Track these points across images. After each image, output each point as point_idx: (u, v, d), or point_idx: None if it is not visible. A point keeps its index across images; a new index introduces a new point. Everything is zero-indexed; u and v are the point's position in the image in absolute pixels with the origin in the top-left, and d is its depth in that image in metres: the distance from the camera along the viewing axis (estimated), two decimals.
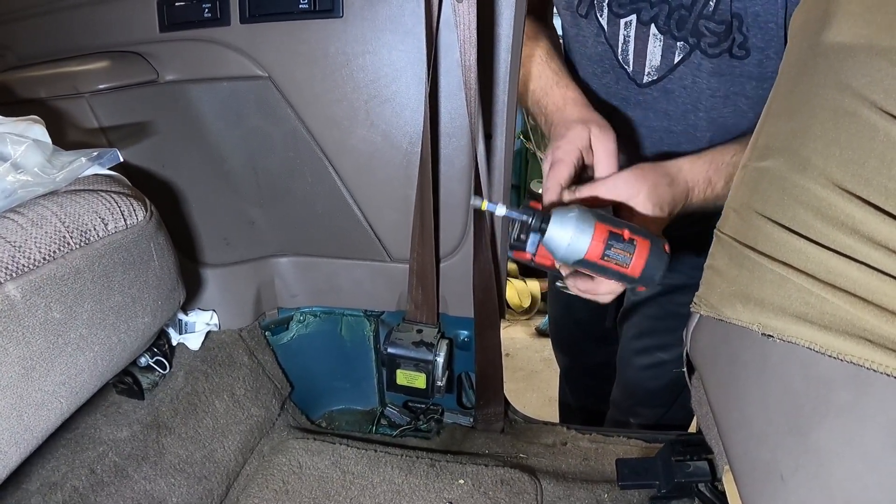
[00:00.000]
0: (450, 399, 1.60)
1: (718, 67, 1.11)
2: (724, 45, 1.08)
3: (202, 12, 1.21)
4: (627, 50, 1.21)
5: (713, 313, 0.83)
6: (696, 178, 1.07)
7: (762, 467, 0.72)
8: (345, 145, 1.29)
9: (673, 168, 1.07)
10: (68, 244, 0.87)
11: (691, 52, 1.13)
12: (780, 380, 0.70)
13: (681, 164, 1.07)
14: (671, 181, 1.05)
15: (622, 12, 1.17)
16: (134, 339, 1.04)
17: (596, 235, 0.90)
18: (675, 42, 1.14)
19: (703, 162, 1.08)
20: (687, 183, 1.07)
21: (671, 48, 1.15)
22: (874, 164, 0.58)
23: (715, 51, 1.09)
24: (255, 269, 1.53)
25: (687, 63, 1.15)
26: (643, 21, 1.15)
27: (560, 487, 1.28)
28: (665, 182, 1.04)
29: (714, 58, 1.10)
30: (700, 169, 1.08)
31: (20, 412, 0.81)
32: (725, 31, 1.06)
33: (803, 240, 0.66)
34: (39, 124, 0.96)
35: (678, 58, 1.15)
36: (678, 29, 1.12)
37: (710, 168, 1.08)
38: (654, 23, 1.14)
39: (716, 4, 1.05)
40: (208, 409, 1.38)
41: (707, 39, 1.09)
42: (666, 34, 1.14)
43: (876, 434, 0.57)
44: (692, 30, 1.10)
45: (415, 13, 1.13)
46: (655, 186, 1.02)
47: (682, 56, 1.15)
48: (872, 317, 0.57)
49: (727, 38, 1.07)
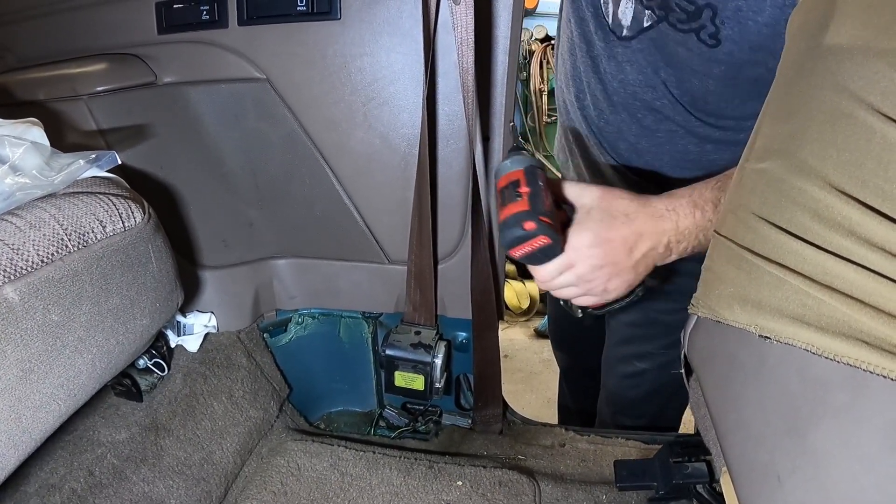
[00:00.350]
0: (448, 401, 1.60)
1: (686, 42, 1.09)
2: (693, 24, 1.06)
3: (200, 14, 1.22)
4: (607, 7, 1.20)
5: (711, 315, 0.83)
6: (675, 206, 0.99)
7: (760, 468, 0.72)
8: (343, 147, 1.29)
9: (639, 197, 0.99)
10: (66, 246, 0.88)
11: (659, 22, 1.12)
12: (777, 381, 0.70)
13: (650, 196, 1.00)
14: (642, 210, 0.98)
15: None
16: (132, 342, 1.04)
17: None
18: (643, 9, 1.13)
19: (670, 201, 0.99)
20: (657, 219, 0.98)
21: (640, 13, 1.14)
22: (871, 166, 0.59)
23: (683, 27, 1.07)
24: (254, 271, 1.53)
25: (656, 30, 1.14)
26: None
27: (558, 489, 1.28)
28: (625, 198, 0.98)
29: (681, 33, 1.08)
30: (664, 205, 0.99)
31: (18, 414, 0.81)
32: (695, 12, 1.04)
33: (800, 242, 0.66)
34: (38, 126, 0.96)
35: (647, 24, 1.14)
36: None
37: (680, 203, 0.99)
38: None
39: None
40: (206, 411, 1.38)
41: (675, 15, 1.07)
42: (636, 0, 1.13)
43: (872, 435, 0.57)
44: (660, 2, 1.08)
45: (412, 15, 1.13)
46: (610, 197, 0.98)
47: (651, 23, 1.14)
48: (869, 318, 0.57)
49: (695, 20, 1.05)
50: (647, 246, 0.97)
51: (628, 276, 0.99)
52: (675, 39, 1.11)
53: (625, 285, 1.01)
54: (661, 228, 0.96)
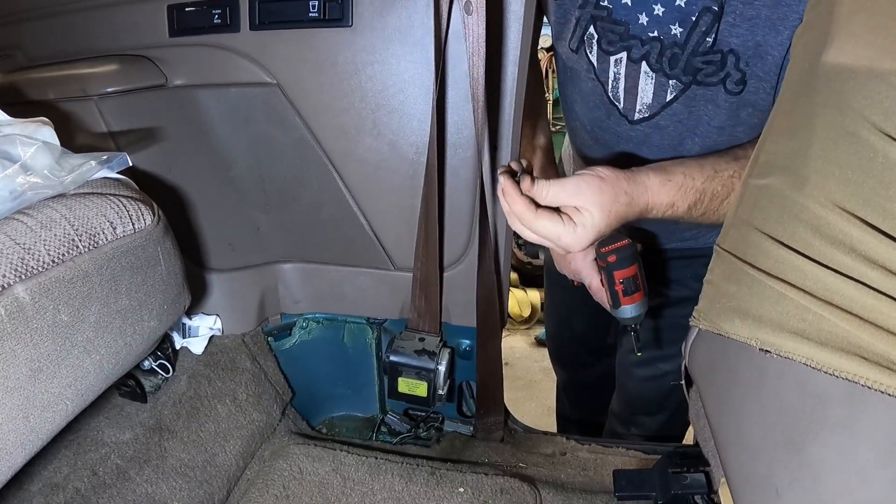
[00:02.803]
0: (450, 408, 1.60)
1: (715, 98, 1.10)
2: (720, 76, 1.07)
3: (212, 18, 1.22)
4: (618, 87, 1.20)
5: (712, 327, 0.84)
6: (658, 202, 1.05)
7: (758, 480, 0.73)
8: (351, 154, 1.29)
9: (638, 188, 1.03)
10: (77, 247, 0.88)
11: (686, 90, 1.12)
12: (776, 394, 0.70)
13: (648, 184, 1.04)
14: (630, 202, 1.02)
15: (612, 49, 1.16)
16: (139, 343, 1.05)
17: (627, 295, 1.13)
18: (667, 80, 1.13)
19: (672, 186, 1.05)
20: (647, 205, 1.04)
21: (663, 86, 1.14)
22: (873, 184, 0.59)
23: (712, 79, 1.08)
24: (260, 275, 1.54)
25: (681, 99, 1.14)
26: (633, 59, 1.15)
27: (559, 497, 1.28)
28: (623, 202, 1.01)
29: (710, 88, 1.09)
30: (666, 194, 1.05)
31: (27, 413, 0.82)
32: (720, 62, 1.05)
33: (802, 257, 0.66)
34: (48, 126, 0.96)
35: (671, 95, 1.15)
36: (671, 67, 1.11)
37: (678, 194, 1.05)
38: (644, 60, 1.13)
39: (714, 41, 1.04)
40: (210, 414, 1.39)
41: (704, 72, 1.08)
42: (658, 72, 1.13)
43: (869, 450, 0.57)
44: (685, 68, 1.09)
45: (424, 24, 1.14)
46: (613, 202, 1.00)
47: (676, 94, 1.14)
48: (868, 335, 0.58)
49: (721, 69, 1.06)
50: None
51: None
52: (705, 98, 1.12)
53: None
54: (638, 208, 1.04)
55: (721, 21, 1.02)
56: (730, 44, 1.03)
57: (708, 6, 1.02)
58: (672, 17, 1.06)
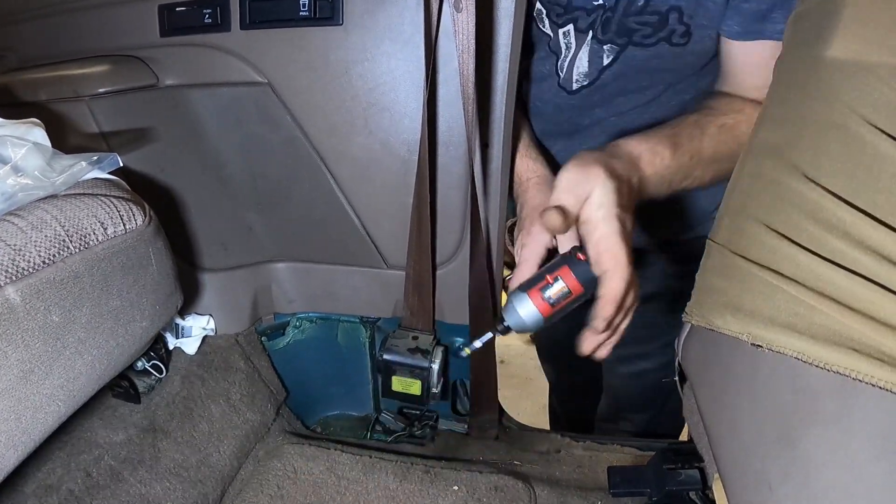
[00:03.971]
0: (444, 406, 1.60)
1: (658, 53, 1.10)
2: (661, 34, 1.06)
3: (203, 18, 1.22)
4: (566, 57, 1.20)
5: (704, 323, 0.84)
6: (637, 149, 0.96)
7: (751, 476, 0.73)
8: (343, 152, 1.29)
9: (608, 146, 0.96)
10: (68, 248, 0.88)
11: (622, 51, 1.12)
12: (769, 389, 0.70)
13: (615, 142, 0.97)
14: (611, 154, 0.93)
15: (560, 21, 1.17)
16: (131, 344, 1.04)
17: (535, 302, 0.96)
18: (600, 46, 1.13)
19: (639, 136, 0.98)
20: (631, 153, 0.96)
21: (598, 52, 1.14)
22: (862, 176, 0.60)
23: (651, 40, 1.07)
24: (252, 275, 1.54)
25: (619, 60, 1.14)
26: (580, 29, 1.15)
27: (554, 494, 1.28)
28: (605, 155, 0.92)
29: (650, 47, 1.09)
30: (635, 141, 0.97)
31: (18, 415, 0.81)
32: (660, 21, 1.04)
33: (795, 246, 0.66)
34: (39, 127, 0.96)
35: (607, 60, 1.15)
36: (603, 32, 1.10)
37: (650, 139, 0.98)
38: (591, 30, 1.13)
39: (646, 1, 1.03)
40: (204, 414, 1.39)
41: (640, 32, 1.07)
42: (593, 40, 1.14)
43: (862, 444, 0.57)
44: (618, 30, 1.08)
45: (414, 22, 1.13)
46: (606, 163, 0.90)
47: (613, 57, 1.14)
48: (860, 325, 0.58)
49: (663, 28, 1.05)
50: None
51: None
52: (644, 56, 1.11)
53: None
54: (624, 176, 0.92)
55: None
56: (668, 2, 1.02)
57: None
58: None
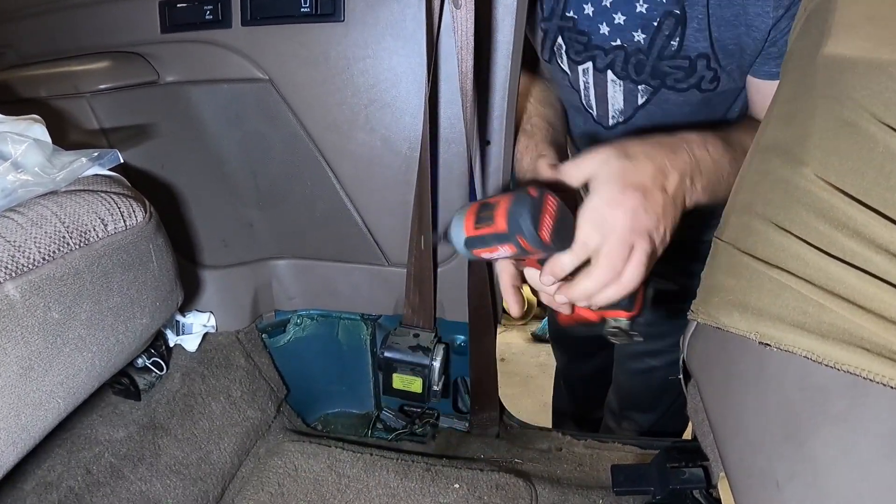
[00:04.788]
0: (445, 404, 1.60)
1: (688, 99, 1.10)
2: (691, 80, 1.06)
3: (204, 14, 1.22)
4: (589, 95, 1.21)
5: (711, 321, 0.83)
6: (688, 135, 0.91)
7: (758, 474, 0.72)
8: (344, 149, 1.29)
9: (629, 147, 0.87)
10: (68, 244, 0.87)
11: (656, 93, 1.12)
12: (776, 388, 0.70)
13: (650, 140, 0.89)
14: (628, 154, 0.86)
15: (578, 59, 1.17)
16: (132, 341, 1.04)
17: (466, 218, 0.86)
18: (635, 86, 1.13)
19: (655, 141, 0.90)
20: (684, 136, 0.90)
21: (633, 92, 1.15)
22: (873, 174, 0.59)
23: (682, 86, 1.08)
24: (253, 272, 1.53)
25: (653, 101, 1.14)
26: (599, 68, 1.15)
27: (555, 493, 1.28)
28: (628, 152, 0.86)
29: (682, 92, 1.09)
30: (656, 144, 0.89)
31: (18, 412, 0.81)
32: (690, 67, 1.04)
33: (803, 244, 0.66)
34: (40, 123, 0.95)
35: (642, 100, 1.15)
36: (637, 73, 1.11)
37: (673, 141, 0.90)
38: (610, 69, 1.13)
39: (679, 44, 1.03)
40: (204, 411, 1.38)
41: (673, 76, 1.07)
42: (625, 80, 1.13)
43: (871, 443, 0.57)
44: (652, 72, 1.09)
45: (416, 18, 1.13)
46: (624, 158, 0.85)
47: (647, 98, 1.14)
48: (870, 324, 0.57)
49: (692, 74, 1.05)
50: (676, 178, 0.86)
51: (672, 210, 0.86)
52: (677, 101, 1.11)
53: (673, 222, 0.87)
54: (682, 160, 0.87)
55: (686, 27, 1.01)
56: (697, 49, 1.02)
57: (670, 10, 1.01)
58: (634, 23, 1.06)
